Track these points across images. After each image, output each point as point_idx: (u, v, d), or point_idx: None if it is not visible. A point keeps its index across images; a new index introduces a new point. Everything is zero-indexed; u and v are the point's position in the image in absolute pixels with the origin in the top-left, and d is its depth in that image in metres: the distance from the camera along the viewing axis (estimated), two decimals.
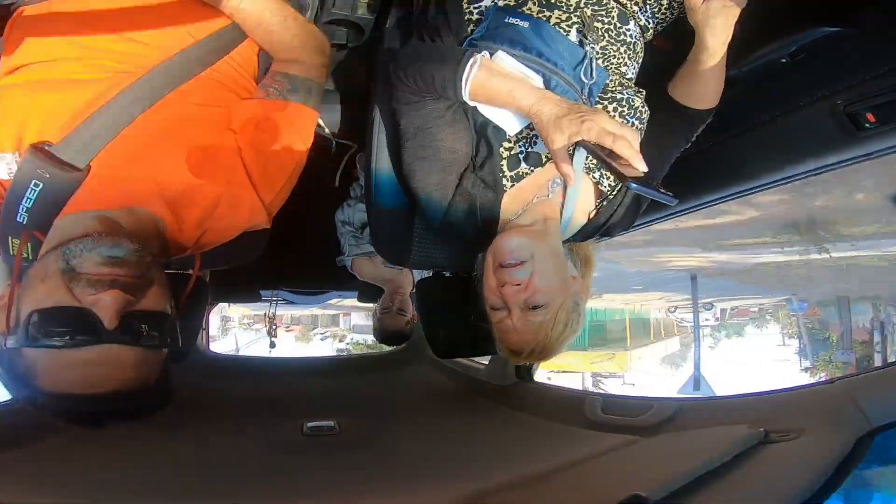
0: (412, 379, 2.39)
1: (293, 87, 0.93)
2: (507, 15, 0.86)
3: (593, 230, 1.00)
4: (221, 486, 1.05)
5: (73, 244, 0.67)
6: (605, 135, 0.69)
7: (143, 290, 0.69)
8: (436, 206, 0.90)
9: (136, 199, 0.81)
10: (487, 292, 0.87)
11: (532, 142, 0.89)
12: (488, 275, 0.86)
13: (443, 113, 0.86)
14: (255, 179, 0.88)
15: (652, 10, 0.98)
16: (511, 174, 0.89)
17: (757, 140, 1.12)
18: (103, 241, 0.68)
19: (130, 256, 0.68)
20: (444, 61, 0.81)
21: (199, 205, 0.85)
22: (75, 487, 0.97)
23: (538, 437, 1.34)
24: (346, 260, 2.10)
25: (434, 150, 0.86)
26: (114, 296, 0.64)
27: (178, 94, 0.87)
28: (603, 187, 0.96)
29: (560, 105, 0.75)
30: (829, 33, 0.91)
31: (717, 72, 0.91)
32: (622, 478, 0.96)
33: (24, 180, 0.78)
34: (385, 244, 1.09)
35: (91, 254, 0.66)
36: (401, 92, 0.85)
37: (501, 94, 0.79)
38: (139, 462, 1.11)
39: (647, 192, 0.67)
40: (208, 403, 1.76)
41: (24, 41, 0.86)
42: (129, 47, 0.88)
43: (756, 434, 0.86)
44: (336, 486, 1.08)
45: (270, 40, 0.91)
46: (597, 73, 0.89)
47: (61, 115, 0.81)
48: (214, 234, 0.90)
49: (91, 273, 0.65)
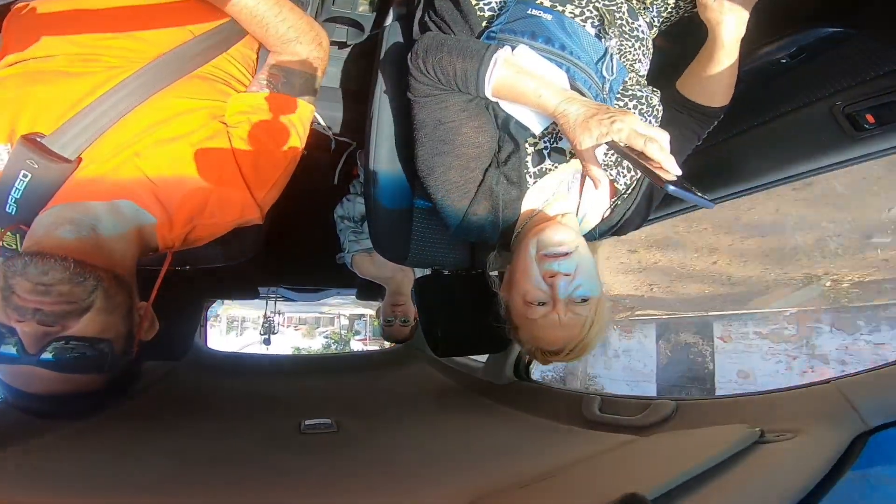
0: (410, 377, 2.39)
1: (287, 79, 0.91)
2: (529, 6, 0.83)
3: (608, 228, 0.99)
4: (218, 482, 1.05)
5: (12, 260, 0.66)
6: (636, 136, 0.67)
7: (75, 317, 0.68)
8: (455, 205, 0.86)
9: (124, 193, 0.80)
10: (529, 286, 0.82)
11: (556, 138, 0.87)
12: (530, 268, 0.81)
13: (465, 106, 0.82)
14: (246, 175, 0.86)
15: (658, 10, 0.97)
16: (535, 170, 0.86)
17: (756, 140, 1.12)
18: (35, 265, 0.66)
19: (62, 285, 0.67)
20: (466, 55, 0.77)
21: (188, 200, 0.84)
22: (71, 485, 0.97)
23: (536, 436, 1.34)
24: (345, 257, 2.10)
25: (455, 145, 0.82)
26: (31, 328, 0.66)
27: (173, 88, 0.86)
28: (619, 185, 0.94)
29: (587, 105, 0.73)
30: (829, 33, 0.91)
31: (731, 69, 0.90)
32: (619, 477, 0.96)
33: (13, 170, 0.77)
34: (384, 242, 1.08)
35: (22, 278, 0.66)
36: (419, 84, 0.81)
37: (526, 93, 0.76)
38: (136, 459, 1.10)
39: (685, 195, 0.64)
40: (205, 400, 1.76)
41: (22, 37, 0.85)
42: (128, 43, 0.87)
43: (752, 434, 0.86)
44: (333, 484, 1.08)
45: (266, 33, 0.89)
46: (617, 68, 0.87)
47: (55, 107, 0.80)
48: (204, 229, 0.89)
49: (19, 296, 0.65)
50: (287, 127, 0.90)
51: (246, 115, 0.88)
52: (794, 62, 0.99)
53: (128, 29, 0.88)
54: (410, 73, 0.83)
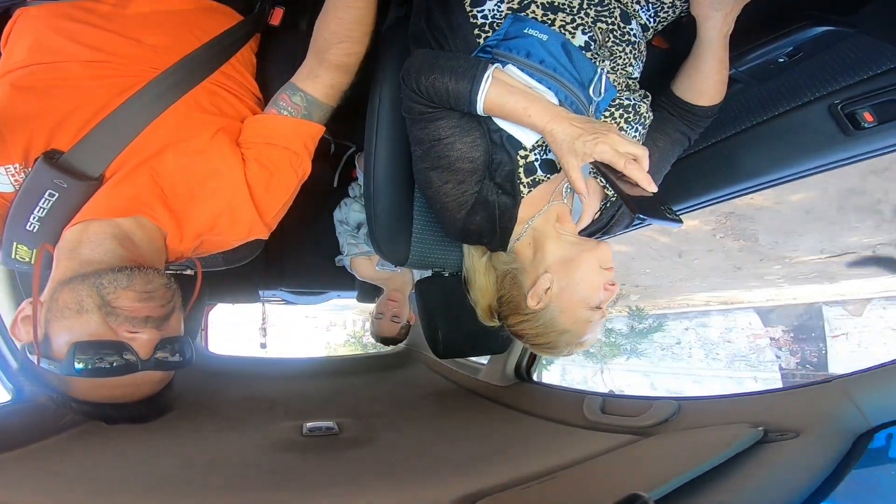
0: (412, 379, 2.39)
1: (308, 112, 0.94)
2: (526, 25, 0.86)
3: (596, 230, 1.01)
4: (220, 485, 1.05)
5: (105, 278, 0.70)
6: (618, 157, 0.71)
7: (169, 319, 0.74)
8: (453, 216, 0.90)
9: (144, 209, 0.81)
10: (595, 294, 0.87)
11: (546, 149, 0.89)
12: (596, 280, 0.87)
13: (458, 122, 0.85)
14: (256, 196, 0.89)
15: (655, 10, 0.98)
16: (528, 180, 0.89)
17: (755, 139, 1.12)
18: (140, 276, 0.71)
19: (160, 290, 0.72)
20: (458, 75, 0.80)
21: (200, 217, 0.86)
22: (75, 487, 0.97)
23: (538, 437, 1.34)
24: (344, 260, 2.10)
25: (451, 161, 0.86)
26: (150, 334, 0.71)
27: (185, 101, 0.87)
28: (608, 190, 0.96)
29: (573, 125, 0.76)
30: (826, 32, 0.91)
31: (718, 66, 0.92)
32: (621, 478, 0.96)
33: (37, 189, 0.78)
34: (384, 244, 1.09)
35: (127, 290, 0.70)
36: (413, 103, 0.84)
37: (516, 111, 0.80)
38: (139, 462, 1.10)
39: (654, 220, 0.70)
40: (208, 404, 1.76)
41: (29, 39, 0.85)
42: (137, 51, 0.88)
43: (755, 434, 0.86)
44: (336, 486, 1.08)
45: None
46: (606, 89, 0.90)
47: (71, 122, 0.80)
48: (211, 245, 0.92)
49: (126, 309, 0.69)
50: (300, 151, 0.93)
51: (262, 137, 0.90)
52: (792, 61, 0.99)
53: (136, 34, 0.89)
54: (404, 92, 0.85)
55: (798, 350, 6.10)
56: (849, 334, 5.66)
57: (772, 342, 6.35)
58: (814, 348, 5.95)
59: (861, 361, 4.64)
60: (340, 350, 13.49)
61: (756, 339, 6.50)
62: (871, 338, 5.43)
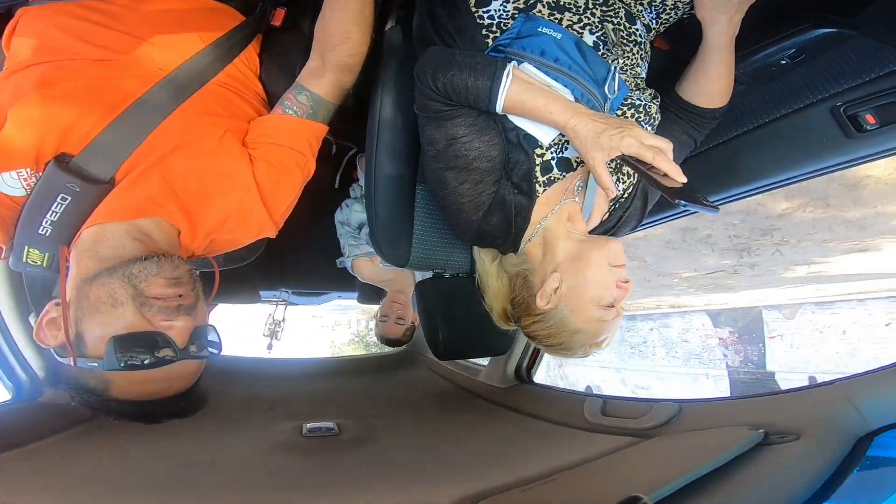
0: (412, 380, 2.39)
1: (314, 111, 0.94)
2: (539, 24, 0.85)
3: (605, 230, 1.00)
4: (221, 485, 1.05)
5: (135, 267, 0.70)
6: (645, 150, 0.71)
7: (197, 307, 0.75)
8: (469, 217, 0.88)
9: (156, 210, 0.81)
10: (607, 292, 0.86)
11: (562, 147, 0.89)
12: (606, 278, 0.86)
13: (475, 121, 0.84)
14: (265, 195, 0.89)
15: (657, 11, 0.98)
16: (543, 179, 0.88)
17: (757, 142, 1.11)
18: (166, 262, 0.72)
19: (186, 276, 0.73)
20: (477, 72, 0.79)
21: (212, 217, 0.87)
22: (75, 487, 0.97)
23: (538, 439, 1.34)
24: (346, 261, 2.10)
25: (468, 160, 0.84)
26: (185, 321, 0.72)
27: (192, 103, 0.88)
28: (617, 190, 0.96)
29: (595, 120, 0.76)
30: (828, 34, 0.91)
31: (724, 68, 0.91)
32: (621, 480, 0.96)
33: (49, 193, 0.78)
34: (385, 245, 1.09)
35: (157, 277, 0.70)
36: (430, 101, 0.82)
37: (536, 108, 0.79)
38: (139, 462, 1.11)
39: (694, 206, 0.69)
40: (207, 403, 1.76)
41: (33, 40, 0.85)
42: (144, 50, 0.88)
43: (755, 436, 0.86)
44: (336, 487, 1.08)
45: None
46: (619, 87, 0.89)
47: (80, 125, 0.81)
48: (220, 244, 0.92)
49: (158, 296, 0.70)
50: (304, 151, 0.93)
51: (268, 137, 0.91)
52: (795, 63, 0.99)
53: (142, 34, 0.89)
54: (419, 89, 0.83)
55: (742, 350, 6.57)
56: (783, 336, 6.12)
57: (720, 342, 6.79)
58: (754, 348, 6.41)
59: (793, 361, 4.80)
60: (345, 349, 13.56)
61: (707, 339, 6.93)
62: (802, 339, 5.94)
